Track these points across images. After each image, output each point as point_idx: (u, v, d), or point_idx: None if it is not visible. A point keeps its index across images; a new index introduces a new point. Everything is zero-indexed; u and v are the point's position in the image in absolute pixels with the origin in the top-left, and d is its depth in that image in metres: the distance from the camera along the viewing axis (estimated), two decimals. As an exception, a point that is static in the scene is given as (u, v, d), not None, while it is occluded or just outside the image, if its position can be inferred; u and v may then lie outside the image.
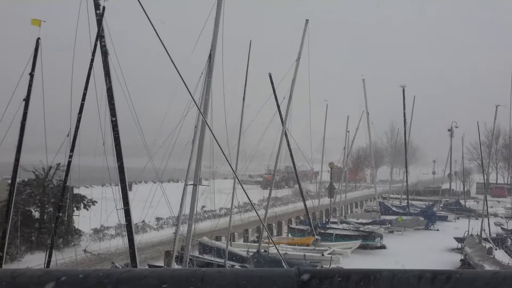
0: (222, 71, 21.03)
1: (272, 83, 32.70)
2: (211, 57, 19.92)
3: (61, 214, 20.53)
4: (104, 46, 17.64)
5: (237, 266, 25.09)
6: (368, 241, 35.28)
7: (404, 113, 54.98)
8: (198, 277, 2.06)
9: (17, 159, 18.20)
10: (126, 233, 17.80)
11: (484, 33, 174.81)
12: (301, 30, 32.37)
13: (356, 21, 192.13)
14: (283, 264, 20.38)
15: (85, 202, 32.58)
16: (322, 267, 25.21)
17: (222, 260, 25.97)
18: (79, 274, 2.06)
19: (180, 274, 2.10)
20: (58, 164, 30.58)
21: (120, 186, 17.51)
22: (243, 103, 28.87)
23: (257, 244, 30.68)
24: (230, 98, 26.53)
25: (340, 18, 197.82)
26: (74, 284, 2.04)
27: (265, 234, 31.53)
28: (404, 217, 45.26)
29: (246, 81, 29.10)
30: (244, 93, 28.92)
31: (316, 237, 34.16)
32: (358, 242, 34.19)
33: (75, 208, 31.21)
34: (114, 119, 17.32)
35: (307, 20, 32.49)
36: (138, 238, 22.03)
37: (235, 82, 28.67)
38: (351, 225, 40.61)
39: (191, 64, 19.95)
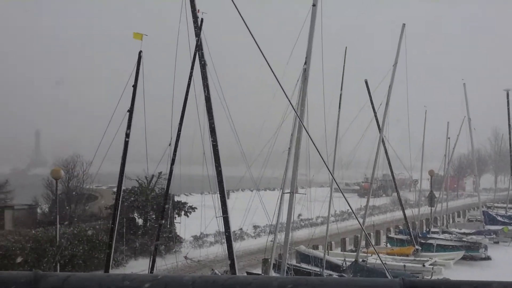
0: (323, 81, 21.03)
1: (368, 89, 32.18)
2: (306, 64, 19.94)
3: (163, 221, 21.19)
4: (202, 57, 18.12)
5: (335, 275, 24.79)
6: (472, 252, 33.97)
7: (509, 118, 52.25)
8: (301, 285, 2.07)
9: (122, 168, 18.91)
10: (225, 241, 18.12)
11: None
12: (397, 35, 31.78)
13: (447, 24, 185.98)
14: (387, 274, 19.77)
15: (185, 209, 33.52)
16: (423, 278, 24.45)
17: (319, 269, 25.79)
18: (187, 280, 2.12)
19: (283, 282, 2.11)
20: (160, 173, 31.74)
21: (219, 194, 17.87)
22: (339, 110, 28.69)
23: (354, 253, 30.23)
24: (327, 105, 26.45)
25: (434, 23, 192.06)
26: None
27: (362, 243, 31.06)
28: (510, 227, 43.20)
29: (341, 88, 28.91)
30: (340, 100, 28.72)
31: (417, 247, 33.24)
32: (461, 253, 33.06)
33: (176, 215, 32.21)
34: (214, 134, 17.71)
35: (403, 25, 31.77)
36: (236, 246, 22.33)
37: (329, 88, 28.55)
38: (453, 235, 39.23)
39: (284, 72, 20.02)
